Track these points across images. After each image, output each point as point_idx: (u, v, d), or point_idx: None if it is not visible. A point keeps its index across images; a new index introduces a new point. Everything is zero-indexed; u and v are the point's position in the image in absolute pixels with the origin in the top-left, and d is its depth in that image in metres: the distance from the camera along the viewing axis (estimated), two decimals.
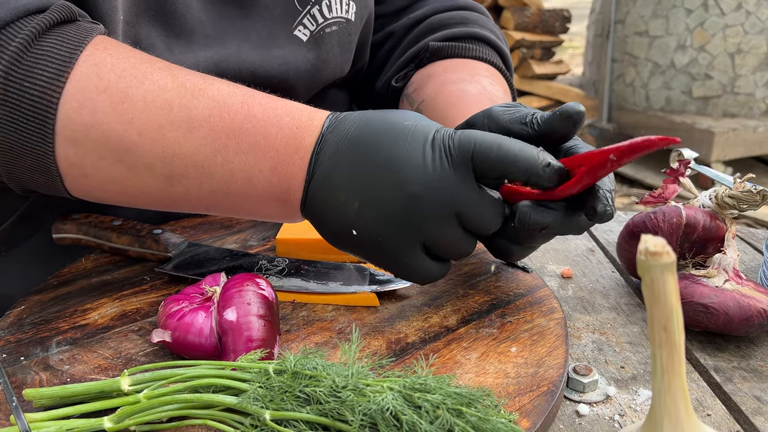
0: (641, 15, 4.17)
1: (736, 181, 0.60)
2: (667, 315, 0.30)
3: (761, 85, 3.94)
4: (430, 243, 0.48)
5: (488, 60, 0.78)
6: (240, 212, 0.53)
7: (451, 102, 0.67)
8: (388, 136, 0.47)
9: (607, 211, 0.47)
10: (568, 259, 0.71)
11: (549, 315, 0.54)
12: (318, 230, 0.51)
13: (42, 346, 0.51)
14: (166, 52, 0.62)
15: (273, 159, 0.48)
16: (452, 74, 0.73)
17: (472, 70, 0.74)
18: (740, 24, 3.85)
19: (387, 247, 0.48)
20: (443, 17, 0.80)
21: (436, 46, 0.77)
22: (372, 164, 0.47)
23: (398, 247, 0.48)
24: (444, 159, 0.46)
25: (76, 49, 0.47)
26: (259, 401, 0.38)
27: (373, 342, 0.51)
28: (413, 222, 0.47)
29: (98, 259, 0.66)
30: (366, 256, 0.50)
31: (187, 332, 0.47)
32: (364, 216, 0.47)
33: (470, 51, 0.77)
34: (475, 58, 0.77)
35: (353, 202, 0.47)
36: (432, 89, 0.72)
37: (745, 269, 0.70)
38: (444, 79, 0.73)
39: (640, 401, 0.48)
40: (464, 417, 0.36)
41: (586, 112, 0.54)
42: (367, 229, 0.47)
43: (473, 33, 0.78)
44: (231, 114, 0.48)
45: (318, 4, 0.71)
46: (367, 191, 0.47)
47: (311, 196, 0.48)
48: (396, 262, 0.49)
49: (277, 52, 0.69)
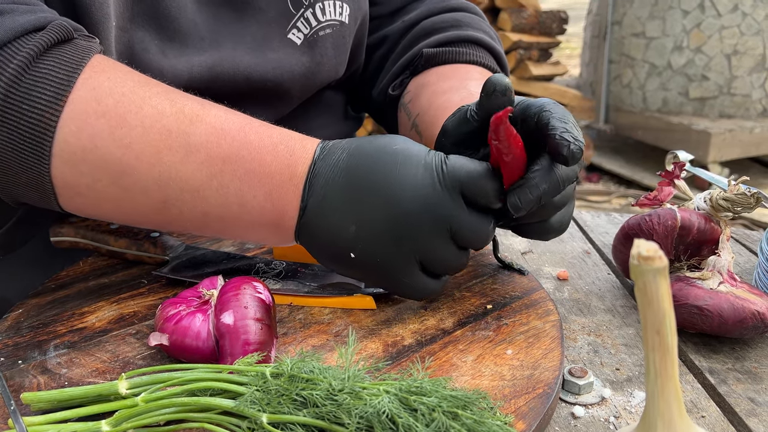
0: (638, 16, 4.18)
1: (730, 184, 0.60)
2: (659, 319, 0.30)
3: (757, 86, 3.96)
4: (426, 260, 0.50)
5: (481, 63, 0.78)
6: (232, 235, 0.54)
7: (438, 115, 0.67)
8: (379, 162, 0.49)
9: (572, 149, 0.47)
10: (564, 261, 0.72)
11: (545, 317, 0.55)
12: (314, 255, 0.52)
13: (40, 349, 0.51)
14: (159, 56, 0.62)
15: (267, 186, 0.50)
16: (445, 83, 0.73)
17: (464, 75, 0.75)
18: (736, 25, 3.87)
19: (385, 266, 0.50)
20: (435, 21, 0.81)
21: (430, 53, 0.77)
22: (365, 188, 0.49)
23: (396, 266, 0.50)
24: (436, 180, 0.49)
25: (74, 72, 0.48)
26: (256, 404, 0.39)
27: (369, 344, 0.51)
28: (409, 240, 0.49)
29: (96, 262, 0.66)
30: (364, 276, 0.52)
31: (185, 335, 0.47)
32: (362, 238, 0.49)
33: (463, 55, 0.77)
34: (468, 62, 0.77)
35: (350, 225, 0.49)
36: (425, 100, 0.72)
37: (741, 271, 0.70)
38: (435, 89, 0.73)
39: (635, 403, 0.48)
40: (460, 420, 0.37)
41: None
42: (365, 251, 0.49)
43: (466, 36, 0.79)
44: (228, 141, 0.50)
45: (311, 7, 0.71)
46: (362, 214, 0.49)
47: (306, 223, 0.50)
48: (394, 280, 0.51)
49: (271, 56, 0.69)
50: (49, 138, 0.47)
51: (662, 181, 0.65)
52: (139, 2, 0.61)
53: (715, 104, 4.04)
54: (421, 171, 0.49)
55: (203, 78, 0.64)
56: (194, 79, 0.64)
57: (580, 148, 0.47)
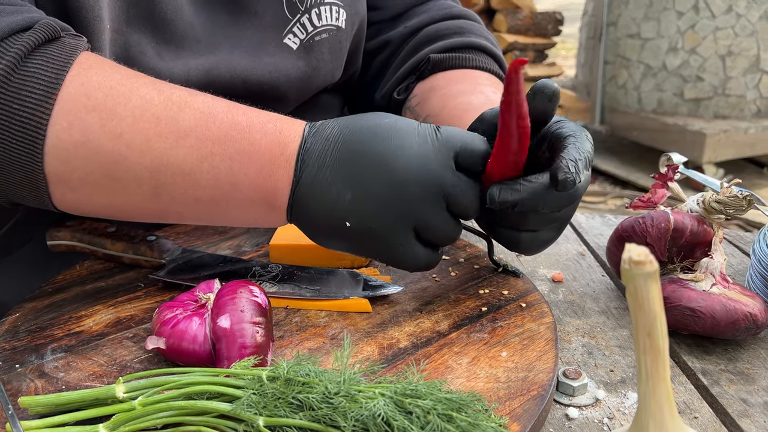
0: (633, 17, 4.19)
1: (722, 186, 0.60)
2: (650, 322, 0.31)
3: (752, 87, 3.97)
4: (421, 226, 0.51)
5: (488, 69, 0.79)
6: (225, 219, 0.54)
7: (458, 114, 0.68)
8: (373, 132, 0.50)
9: (567, 179, 0.48)
10: (558, 263, 0.72)
11: (539, 319, 0.55)
12: (306, 230, 0.53)
13: (37, 353, 0.51)
14: (156, 59, 0.62)
15: (258, 163, 0.50)
16: (455, 86, 0.74)
17: (474, 80, 0.76)
18: (731, 27, 3.88)
19: (380, 234, 0.50)
20: (440, 27, 0.81)
21: (437, 59, 0.78)
22: (360, 157, 0.49)
23: (391, 233, 0.50)
24: (430, 146, 0.50)
25: (62, 69, 0.48)
26: (253, 408, 0.39)
27: (365, 347, 0.51)
28: (406, 206, 0.49)
29: (93, 265, 0.67)
30: (358, 246, 0.52)
31: (182, 339, 0.47)
32: (357, 205, 0.49)
33: (470, 61, 0.79)
34: (475, 67, 0.78)
35: (345, 194, 0.49)
36: (436, 103, 0.73)
37: (733, 272, 0.70)
38: (447, 92, 0.74)
39: (629, 404, 0.48)
40: (455, 422, 0.37)
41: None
42: (361, 219, 0.50)
43: (471, 43, 0.80)
44: (216, 123, 0.50)
45: (308, 12, 0.71)
46: (358, 183, 0.49)
47: (299, 197, 0.50)
48: (389, 248, 0.51)
49: (267, 59, 0.70)
50: (41, 136, 0.47)
51: (656, 183, 0.65)
52: (135, 5, 0.61)
53: (710, 105, 4.06)
54: (416, 138, 0.50)
55: (200, 81, 0.65)
56: (191, 82, 0.64)
57: (574, 181, 0.49)
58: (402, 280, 0.62)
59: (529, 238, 0.55)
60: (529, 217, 0.53)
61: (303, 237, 0.65)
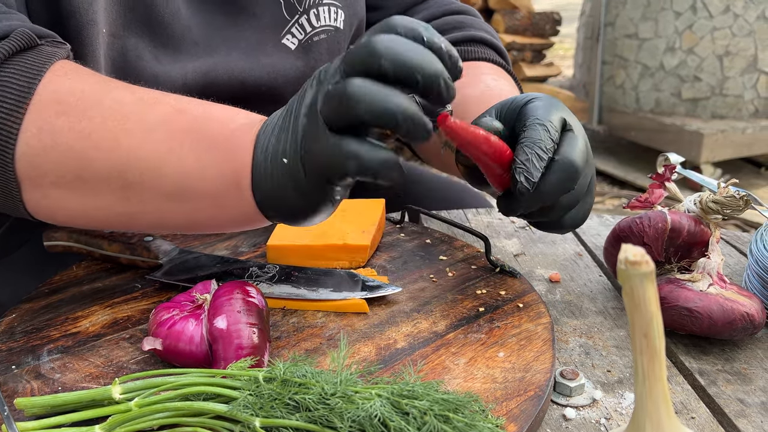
0: (631, 17, 4.20)
1: (719, 186, 0.60)
2: (647, 322, 0.31)
3: (749, 87, 3.98)
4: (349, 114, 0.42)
5: (489, 59, 0.79)
6: (199, 220, 0.51)
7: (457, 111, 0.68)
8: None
9: (520, 189, 0.48)
10: (556, 264, 0.72)
11: (536, 320, 0.55)
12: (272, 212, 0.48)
13: (33, 354, 0.51)
14: (153, 63, 0.62)
15: (226, 150, 0.48)
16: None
17: (475, 71, 0.75)
18: (728, 27, 3.89)
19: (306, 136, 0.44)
20: (439, 23, 0.81)
21: None
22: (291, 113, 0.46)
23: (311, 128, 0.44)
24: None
25: (35, 78, 0.48)
26: (249, 409, 0.39)
27: (362, 348, 0.51)
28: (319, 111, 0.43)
29: (89, 266, 0.66)
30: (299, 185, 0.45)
31: (178, 340, 0.47)
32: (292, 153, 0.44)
33: (471, 54, 0.78)
34: (477, 59, 0.78)
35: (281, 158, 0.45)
36: None
37: (730, 272, 0.70)
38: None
39: (626, 405, 0.48)
40: (451, 423, 0.37)
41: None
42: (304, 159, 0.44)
43: (471, 36, 0.80)
44: (188, 116, 0.49)
45: (306, 13, 0.71)
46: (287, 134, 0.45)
47: (257, 172, 0.47)
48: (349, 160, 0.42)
49: (265, 60, 0.70)
50: (12, 144, 0.47)
51: (653, 183, 0.65)
52: (131, 9, 0.61)
53: (708, 105, 4.06)
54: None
55: (198, 84, 0.65)
56: (189, 85, 0.64)
57: (528, 189, 0.48)
58: (399, 281, 0.61)
59: (570, 219, 0.54)
60: (555, 205, 0.52)
61: (301, 237, 0.65)
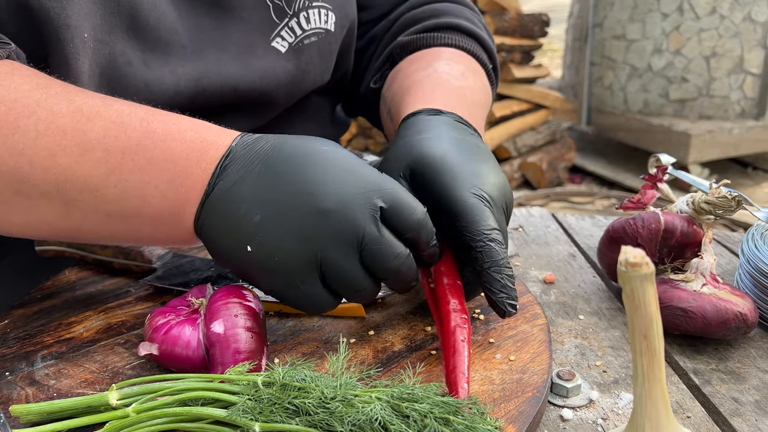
0: (618, 19, 4.23)
1: (712, 187, 0.61)
2: (647, 323, 0.31)
3: (736, 87, 4.02)
4: (328, 269, 0.46)
5: (456, 45, 0.76)
6: (141, 238, 0.50)
7: (400, 94, 0.67)
8: (306, 158, 0.46)
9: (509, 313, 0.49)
10: (550, 265, 0.72)
11: (532, 321, 0.55)
12: (209, 248, 0.48)
13: (27, 360, 0.51)
14: (143, 69, 0.62)
15: (170, 172, 0.46)
16: (413, 65, 0.72)
17: (433, 57, 0.73)
18: (714, 28, 3.93)
19: (282, 267, 0.46)
20: (416, 13, 0.80)
21: (404, 41, 0.76)
22: (285, 180, 0.46)
23: (294, 269, 0.46)
24: (362, 191, 0.46)
25: None
26: (249, 413, 0.39)
27: (360, 351, 0.51)
28: (316, 240, 0.45)
29: (82, 271, 0.66)
30: (257, 278, 0.48)
31: (175, 345, 0.47)
32: (264, 231, 0.45)
33: (437, 40, 0.76)
34: (441, 45, 0.76)
35: (254, 215, 0.45)
36: (396, 86, 0.72)
37: (723, 272, 0.71)
38: (405, 73, 0.72)
39: (623, 405, 0.49)
40: (451, 425, 0.37)
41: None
42: (264, 245, 0.45)
43: (443, 23, 0.77)
44: (128, 133, 0.47)
45: (296, 16, 0.71)
46: (272, 205, 0.45)
47: (208, 209, 0.46)
48: (289, 286, 0.46)
49: (256, 64, 0.69)
50: None
51: (645, 184, 0.66)
52: (116, 14, 0.60)
53: (695, 106, 4.10)
54: (349, 175, 0.46)
55: (190, 91, 0.64)
56: (181, 92, 0.63)
57: (516, 310, 0.49)
58: None
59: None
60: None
61: None
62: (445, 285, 0.51)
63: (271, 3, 0.69)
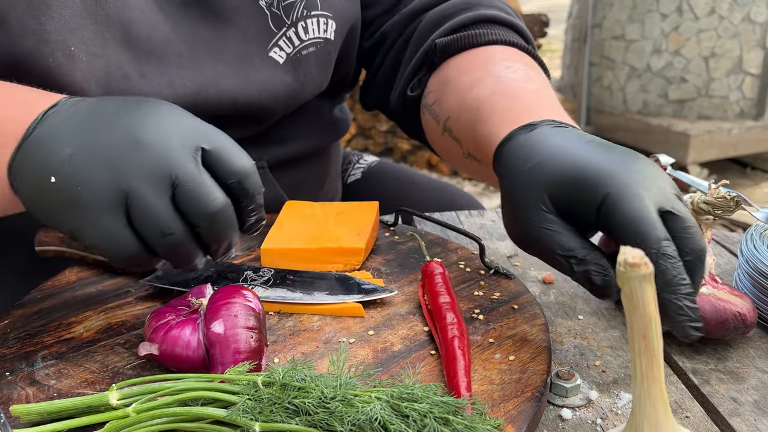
0: (618, 19, 4.23)
1: (710, 187, 0.61)
2: (645, 324, 0.31)
3: (735, 88, 4.02)
4: (134, 204, 0.43)
5: (502, 40, 0.69)
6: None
7: (471, 118, 0.61)
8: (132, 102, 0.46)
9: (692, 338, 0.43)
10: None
11: (532, 321, 0.55)
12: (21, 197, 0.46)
13: (27, 360, 0.51)
14: (140, 81, 0.61)
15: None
16: (466, 76, 0.66)
17: (486, 60, 0.67)
18: (713, 28, 3.93)
19: (85, 199, 0.43)
20: (445, 8, 0.73)
21: (444, 42, 0.69)
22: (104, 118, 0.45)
23: (97, 201, 0.43)
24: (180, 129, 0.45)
25: None
26: (249, 413, 0.39)
27: (359, 351, 0.51)
28: (123, 170, 0.43)
29: (81, 271, 0.66)
30: (61, 215, 0.45)
31: (175, 345, 0.47)
32: (72, 162, 0.43)
33: (480, 37, 0.69)
34: (487, 43, 0.69)
35: (65, 148, 0.44)
36: (454, 101, 0.66)
37: (721, 272, 0.71)
38: (459, 84, 0.66)
39: (622, 405, 0.49)
40: (451, 425, 0.37)
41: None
42: (68, 177, 0.43)
43: (480, 16, 0.70)
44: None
45: (294, 26, 0.69)
46: (86, 137, 0.44)
47: (21, 152, 0.45)
48: (92, 224, 0.44)
49: (255, 77, 0.68)
50: None
51: None
52: (108, 27, 0.59)
53: (694, 106, 4.10)
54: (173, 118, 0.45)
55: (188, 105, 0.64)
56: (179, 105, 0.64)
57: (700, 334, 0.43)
58: (395, 284, 0.62)
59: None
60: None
61: (295, 240, 0.65)
62: (440, 303, 0.53)
63: (269, 11, 0.67)
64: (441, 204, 0.93)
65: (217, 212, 0.44)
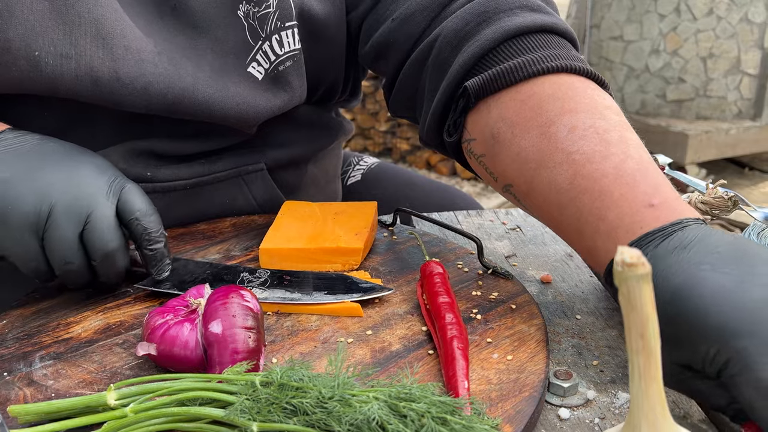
0: (616, 20, 4.23)
1: (708, 187, 0.61)
2: (643, 323, 0.31)
3: (732, 88, 4.03)
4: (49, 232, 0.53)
5: (546, 68, 0.55)
6: None
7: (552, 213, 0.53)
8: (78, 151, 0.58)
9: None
10: (547, 265, 0.73)
11: (529, 321, 0.55)
12: None
13: (25, 360, 0.51)
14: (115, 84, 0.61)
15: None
16: (522, 141, 0.54)
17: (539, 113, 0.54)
18: (711, 29, 3.93)
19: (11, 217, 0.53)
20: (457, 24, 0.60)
21: (477, 87, 0.57)
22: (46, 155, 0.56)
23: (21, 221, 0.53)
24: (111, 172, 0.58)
25: None
26: (246, 413, 0.39)
27: (357, 351, 0.51)
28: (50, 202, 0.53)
29: None
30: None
31: (173, 345, 0.47)
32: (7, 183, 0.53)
33: (519, 72, 0.55)
34: (530, 76, 0.55)
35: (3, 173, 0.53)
36: (513, 171, 0.56)
37: None
38: (516, 150, 0.55)
39: (619, 404, 0.49)
40: (449, 425, 0.37)
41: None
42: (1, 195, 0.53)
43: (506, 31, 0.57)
44: None
45: (268, 39, 0.67)
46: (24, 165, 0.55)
47: None
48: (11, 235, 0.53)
49: (233, 89, 0.66)
50: None
51: None
52: (79, 25, 0.59)
53: (692, 106, 4.11)
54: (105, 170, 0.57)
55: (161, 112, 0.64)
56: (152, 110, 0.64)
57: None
58: (393, 283, 0.62)
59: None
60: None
61: (293, 240, 0.65)
62: (439, 303, 0.53)
63: (246, 23, 0.65)
64: (440, 205, 0.93)
65: (110, 252, 0.55)
